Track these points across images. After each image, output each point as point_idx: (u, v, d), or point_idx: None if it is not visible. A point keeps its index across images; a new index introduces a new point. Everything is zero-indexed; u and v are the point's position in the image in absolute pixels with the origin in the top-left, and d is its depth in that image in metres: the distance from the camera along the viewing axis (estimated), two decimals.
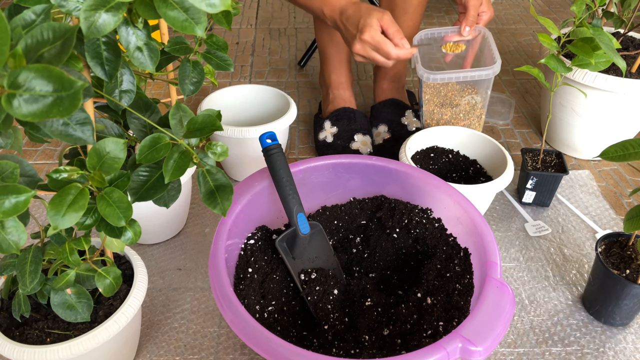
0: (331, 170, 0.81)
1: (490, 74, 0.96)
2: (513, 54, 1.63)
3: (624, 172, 1.14)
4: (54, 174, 0.47)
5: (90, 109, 0.49)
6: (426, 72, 0.96)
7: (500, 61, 0.97)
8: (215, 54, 0.61)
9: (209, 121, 0.52)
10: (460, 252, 0.71)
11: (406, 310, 0.66)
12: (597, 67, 0.83)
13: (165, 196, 0.56)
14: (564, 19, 1.87)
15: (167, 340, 0.76)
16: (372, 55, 0.88)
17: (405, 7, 1.06)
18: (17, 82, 0.30)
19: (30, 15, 0.38)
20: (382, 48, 0.87)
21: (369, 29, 0.86)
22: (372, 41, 0.86)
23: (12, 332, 0.60)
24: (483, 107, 1.05)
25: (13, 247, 0.42)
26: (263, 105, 1.13)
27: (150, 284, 0.85)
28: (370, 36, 0.86)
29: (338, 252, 0.79)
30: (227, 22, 0.54)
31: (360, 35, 0.87)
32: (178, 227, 0.95)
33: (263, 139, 0.71)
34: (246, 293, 0.66)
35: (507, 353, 0.76)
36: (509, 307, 0.56)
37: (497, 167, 0.95)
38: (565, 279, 0.87)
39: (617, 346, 0.77)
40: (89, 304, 0.58)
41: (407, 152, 0.91)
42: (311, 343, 0.67)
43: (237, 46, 1.65)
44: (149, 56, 0.45)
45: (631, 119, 1.08)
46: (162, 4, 0.40)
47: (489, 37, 1.01)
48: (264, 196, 0.75)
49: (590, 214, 1.01)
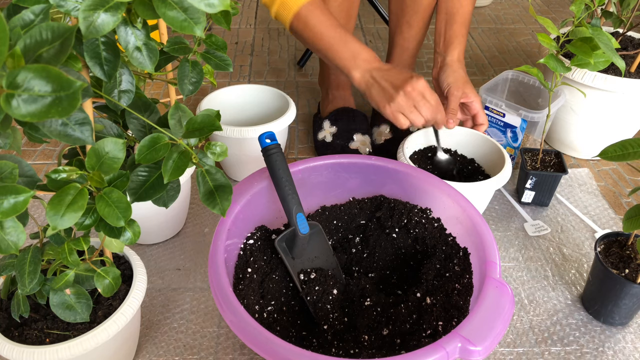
0: (330, 170, 0.81)
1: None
2: (512, 54, 1.63)
3: (623, 172, 1.14)
4: (53, 174, 0.47)
5: (89, 109, 0.49)
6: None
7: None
8: (214, 54, 0.61)
9: (208, 121, 0.52)
10: (460, 252, 0.71)
11: (405, 310, 0.66)
12: (596, 67, 0.83)
13: (165, 196, 0.56)
14: (563, 18, 1.87)
15: (167, 340, 0.76)
16: (411, 107, 0.85)
17: (415, 7, 1.06)
18: (16, 82, 0.30)
19: (29, 15, 0.38)
20: (427, 94, 0.85)
21: (415, 80, 0.84)
22: (415, 92, 0.84)
23: (11, 333, 0.60)
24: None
25: (12, 248, 0.42)
26: (262, 105, 1.13)
27: (150, 284, 0.85)
28: (413, 87, 0.84)
29: (337, 252, 0.79)
30: (226, 22, 0.54)
31: (403, 86, 0.84)
32: (177, 227, 0.95)
33: (262, 138, 0.71)
34: (245, 293, 0.66)
35: (507, 353, 0.76)
36: (508, 307, 0.56)
37: (495, 165, 0.95)
38: (565, 279, 0.88)
39: (616, 345, 0.77)
40: (88, 304, 0.58)
41: (405, 152, 0.91)
42: (310, 343, 0.67)
43: (236, 46, 1.65)
44: (148, 56, 0.45)
45: (630, 119, 1.08)
46: (161, 4, 0.40)
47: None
48: (263, 196, 0.75)
49: (590, 213, 1.01)
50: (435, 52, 1.03)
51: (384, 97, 0.86)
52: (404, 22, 1.09)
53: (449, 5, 0.99)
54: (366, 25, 1.81)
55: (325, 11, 0.89)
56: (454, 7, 0.99)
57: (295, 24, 0.88)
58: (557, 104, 1.04)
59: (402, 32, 1.11)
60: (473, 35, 1.74)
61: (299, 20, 0.87)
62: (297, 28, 0.89)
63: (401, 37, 1.12)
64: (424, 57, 1.61)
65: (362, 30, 1.78)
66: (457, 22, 0.99)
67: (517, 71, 1.13)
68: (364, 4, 1.75)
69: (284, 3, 0.87)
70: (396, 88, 0.85)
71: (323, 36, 0.88)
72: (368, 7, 1.86)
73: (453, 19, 0.99)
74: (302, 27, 0.88)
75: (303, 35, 0.89)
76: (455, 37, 0.99)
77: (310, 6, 0.87)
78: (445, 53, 0.99)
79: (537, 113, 1.00)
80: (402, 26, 1.10)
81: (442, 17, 1.01)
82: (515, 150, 1.06)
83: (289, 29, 0.91)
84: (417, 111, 0.86)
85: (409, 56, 1.15)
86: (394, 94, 0.85)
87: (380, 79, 0.86)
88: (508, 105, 1.03)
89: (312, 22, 0.87)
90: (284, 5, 0.87)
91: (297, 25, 0.88)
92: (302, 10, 0.87)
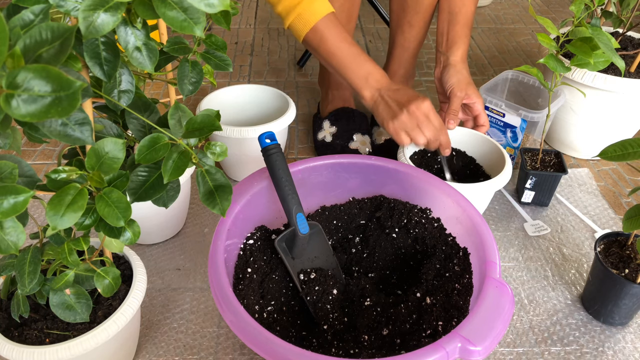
0: (330, 170, 0.81)
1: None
2: (512, 54, 1.63)
3: (623, 172, 1.14)
4: (53, 174, 0.47)
5: (89, 109, 0.49)
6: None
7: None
8: (214, 54, 0.61)
9: (208, 121, 0.52)
10: (460, 252, 0.71)
11: (405, 310, 0.66)
12: (596, 67, 0.83)
13: (164, 196, 0.56)
14: (563, 18, 1.87)
15: (166, 340, 0.76)
16: (414, 126, 0.86)
17: (416, 7, 1.06)
18: (16, 83, 0.30)
19: (29, 15, 0.38)
20: (431, 115, 0.86)
21: (420, 101, 0.85)
22: (419, 112, 0.85)
23: (11, 333, 0.60)
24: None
25: (12, 248, 0.42)
26: (262, 105, 1.13)
27: (150, 284, 0.85)
28: (417, 106, 0.85)
29: (337, 252, 0.79)
30: (226, 22, 0.54)
31: (408, 105, 0.85)
32: (177, 227, 0.95)
33: (262, 138, 0.71)
34: (245, 293, 0.66)
35: (507, 352, 0.76)
36: (508, 307, 0.56)
37: (495, 165, 0.95)
38: (565, 279, 0.88)
39: (616, 345, 0.77)
40: (88, 304, 0.58)
41: (405, 152, 0.91)
42: (310, 343, 0.67)
43: (236, 46, 1.65)
44: (147, 56, 0.45)
45: (630, 119, 1.08)
46: (161, 4, 0.40)
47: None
48: (263, 196, 0.75)
49: (589, 213, 1.01)
50: (437, 51, 1.03)
51: (388, 114, 0.87)
52: (405, 22, 1.09)
53: (451, 5, 0.99)
54: (366, 25, 1.81)
55: (341, 27, 0.89)
56: (456, 7, 0.99)
57: (311, 37, 0.89)
58: (557, 104, 1.04)
59: (403, 32, 1.11)
60: (473, 35, 1.74)
61: (315, 33, 0.88)
62: (312, 41, 0.89)
63: (402, 37, 1.12)
64: (424, 57, 1.61)
65: (362, 30, 1.78)
66: (459, 22, 0.99)
67: (517, 71, 1.13)
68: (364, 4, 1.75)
69: (301, 15, 0.87)
70: (401, 106, 0.86)
71: (338, 52, 0.89)
72: (368, 7, 1.86)
73: (456, 19, 0.99)
74: (318, 41, 0.88)
75: (318, 49, 0.90)
76: (459, 37, 0.98)
77: (328, 21, 0.87)
78: (448, 53, 0.99)
79: (537, 113, 1.00)
80: (403, 26, 1.10)
81: (444, 17, 1.01)
82: (515, 150, 1.06)
83: (302, 41, 0.91)
84: (419, 130, 0.86)
85: (409, 56, 1.14)
86: (397, 112, 0.86)
87: (387, 97, 0.88)
88: (508, 105, 1.03)
89: (328, 37, 0.88)
90: (301, 17, 0.87)
91: (313, 39, 0.89)
92: (319, 25, 0.87)
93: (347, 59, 0.89)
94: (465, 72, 0.98)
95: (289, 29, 0.91)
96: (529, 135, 1.06)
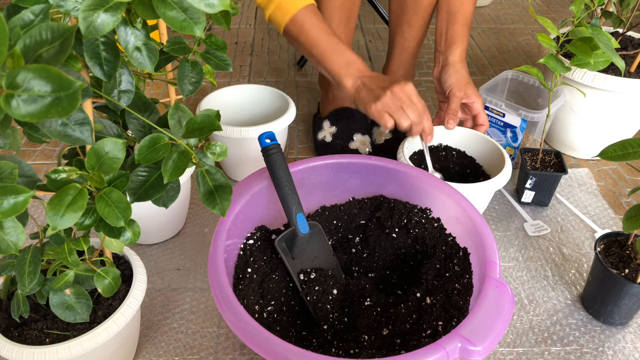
0: (330, 170, 0.81)
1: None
2: (512, 54, 1.63)
3: (623, 172, 1.14)
4: (53, 174, 0.47)
5: (89, 109, 0.49)
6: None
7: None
8: (214, 54, 0.61)
9: (208, 121, 0.52)
10: (460, 252, 0.71)
11: (405, 310, 0.66)
12: (595, 67, 0.83)
13: (164, 196, 0.56)
14: (563, 18, 1.87)
15: (166, 340, 0.76)
16: (398, 107, 0.84)
17: (415, 7, 1.06)
18: (16, 83, 0.30)
19: (29, 15, 0.38)
20: (414, 97, 0.85)
21: (403, 83, 0.84)
22: (402, 93, 0.84)
23: (11, 333, 0.60)
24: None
25: (12, 248, 0.42)
26: (262, 105, 1.13)
27: (150, 284, 0.85)
28: (400, 88, 0.84)
29: (337, 252, 0.79)
30: (225, 22, 0.54)
31: (391, 87, 0.84)
32: (177, 228, 0.95)
33: (262, 139, 0.71)
34: (245, 293, 0.66)
35: (507, 352, 0.76)
36: (508, 307, 0.56)
37: (495, 165, 0.95)
38: (565, 279, 0.88)
39: (616, 345, 0.77)
40: (88, 304, 0.58)
41: (405, 152, 0.91)
42: (310, 343, 0.67)
43: (236, 46, 1.65)
44: (147, 56, 0.45)
45: (630, 119, 1.08)
46: (161, 4, 0.40)
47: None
48: (263, 196, 0.75)
49: (589, 213, 1.01)
50: (436, 50, 1.02)
51: (370, 97, 0.86)
52: (404, 22, 1.09)
53: (450, 4, 0.99)
54: (366, 25, 1.81)
55: (320, 17, 0.89)
56: (455, 6, 0.99)
57: (290, 28, 0.88)
58: (557, 104, 1.04)
59: (403, 32, 1.11)
60: (473, 35, 1.74)
61: (294, 24, 0.88)
62: (292, 31, 0.89)
63: (401, 37, 1.12)
64: (424, 57, 1.61)
65: (362, 30, 1.78)
66: (458, 21, 0.99)
67: (517, 71, 1.13)
68: (364, 4, 1.75)
69: (280, 5, 0.87)
70: (384, 88, 0.85)
71: (318, 42, 0.88)
72: (368, 7, 1.86)
73: (455, 19, 0.99)
74: (298, 31, 0.88)
75: (298, 39, 0.89)
76: (457, 37, 0.98)
77: (308, 11, 0.87)
78: (447, 52, 0.99)
79: (537, 113, 1.00)
80: (403, 26, 1.10)
81: (443, 16, 1.01)
82: (515, 150, 1.06)
83: (283, 32, 0.91)
84: (402, 111, 0.85)
85: (409, 56, 1.14)
86: (380, 94, 0.85)
87: (368, 83, 0.87)
88: (508, 105, 1.03)
89: (308, 27, 0.87)
90: (280, 7, 0.87)
91: (293, 29, 0.88)
92: (298, 15, 0.87)
93: (327, 48, 0.88)
94: (464, 72, 0.98)
95: (270, 20, 0.91)
96: (529, 135, 1.06)
